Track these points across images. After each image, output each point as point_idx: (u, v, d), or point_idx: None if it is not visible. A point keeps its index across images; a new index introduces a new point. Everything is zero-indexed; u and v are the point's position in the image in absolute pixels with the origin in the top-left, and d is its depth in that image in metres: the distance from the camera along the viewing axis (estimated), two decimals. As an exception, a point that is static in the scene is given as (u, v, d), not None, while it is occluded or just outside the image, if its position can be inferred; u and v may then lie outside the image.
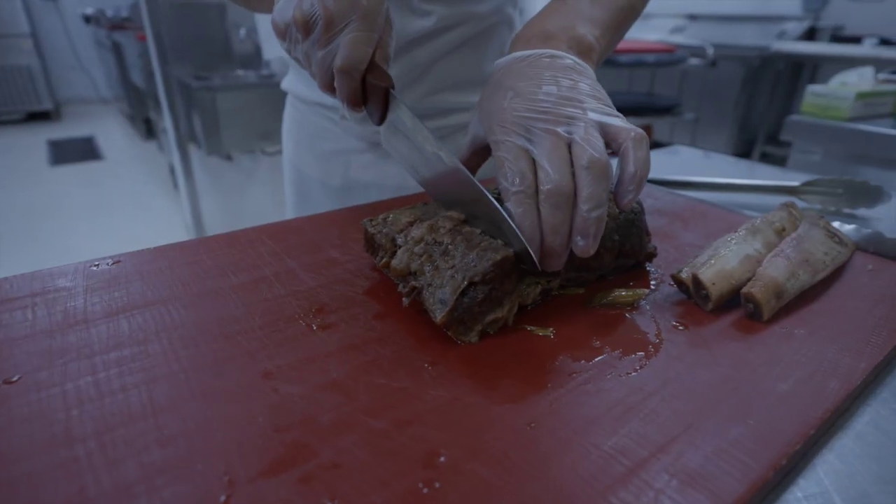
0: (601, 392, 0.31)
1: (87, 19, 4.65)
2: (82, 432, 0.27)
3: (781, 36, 3.09)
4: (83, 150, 3.92)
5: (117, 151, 3.92)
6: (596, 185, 0.32)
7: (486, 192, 0.35)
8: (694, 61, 2.79)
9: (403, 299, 0.36)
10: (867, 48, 2.69)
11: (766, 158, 3.03)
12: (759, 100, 3.08)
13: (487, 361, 0.33)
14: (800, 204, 0.65)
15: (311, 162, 0.74)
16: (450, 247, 0.35)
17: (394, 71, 0.63)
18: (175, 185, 2.52)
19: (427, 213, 0.42)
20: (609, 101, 0.36)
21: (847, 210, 0.64)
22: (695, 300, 0.40)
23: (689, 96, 3.12)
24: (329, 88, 0.41)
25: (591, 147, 0.33)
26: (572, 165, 0.33)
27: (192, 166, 2.08)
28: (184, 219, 2.28)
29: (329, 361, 0.33)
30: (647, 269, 0.45)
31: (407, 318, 0.37)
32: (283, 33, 0.40)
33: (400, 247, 0.38)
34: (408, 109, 0.39)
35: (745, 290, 0.38)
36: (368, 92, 0.40)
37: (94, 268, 0.43)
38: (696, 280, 0.39)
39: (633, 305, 0.39)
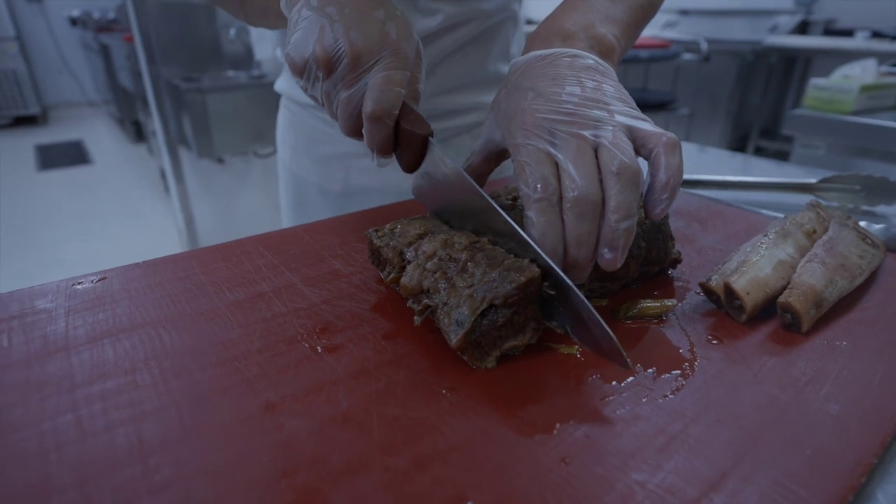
0: (638, 419, 0.28)
1: (74, 21, 4.57)
2: (61, 481, 0.24)
3: (774, 30, 3.08)
4: (71, 155, 3.86)
5: (106, 155, 3.85)
6: (626, 193, 0.30)
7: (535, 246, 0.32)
8: (688, 56, 2.77)
9: (415, 318, 0.34)
10: (860, 41, 2.69)
11: (760, 153, 3.03)
12: (752, 94, 3.07)
13: (510, 385, 0.30)
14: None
15: (308, 166, 0.71)
16: (469, 264, 0.32)
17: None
18: (166, 190, 2.47)
19: (437, 226, 0.39)
20: (634, 104, 0.34)
21: (865, 207, 0.61)
22: (726, 310, 0.37)
23: (683, 92, 3.11)
24: (355, 133, 0.38)
25: (620, 152, 0.31)
26: (599, 172, 0.31)
27: (182, 170, 2.04)
28: (176, 224, 2.23)
29: (338, 389, 0.30)
30: (670, 275, 0.43)
31: (418, 337, 0.34)
32: (300, 70, 0.37)
33: (409, 262, 0.36)
34: (445, 157, 0.36)
35: (781, 299, 0.35)
36: (401, 138, 0.38)
37: (78, 286, 0.40)
38: (729, 289, 0.36)
39: (661, 317, 0.37)
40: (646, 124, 0.33)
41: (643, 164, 0.34)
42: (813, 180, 0.63)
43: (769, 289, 0.36)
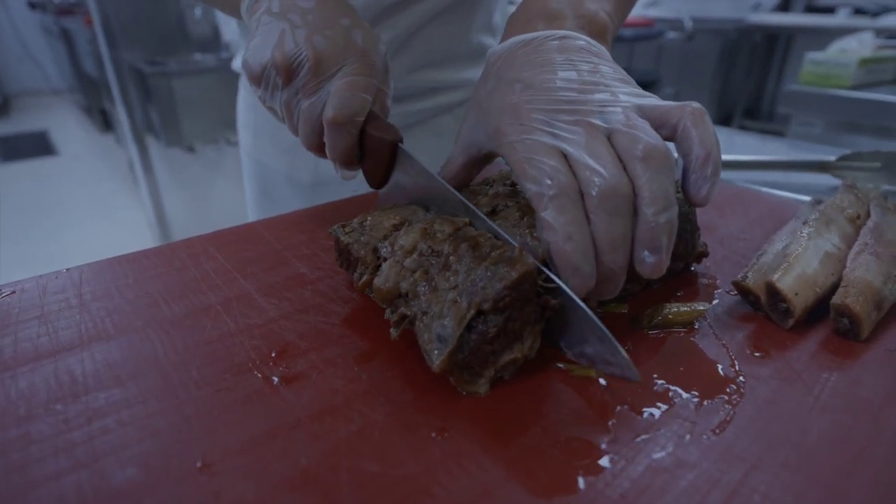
0: (684, 466, 0.22)
1: (32, 5, 4.33)
2: None
3: (756, 8, 3.04)
4: (36, 146, 3.68)
5: (73, 146, 3.68)
6: (659, 179, 0.26)
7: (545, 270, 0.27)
8: (672, 35, 2.72)
9: (391, 330, 0.27)
10: (842, 18, 2.66)
11: (743, 132, 3.00)
12: (736, 73, 3.04)
13: (514, 422, 0.24)
14: (833, 181, 0.57)
15: (273, 154, 0.65)
16: (451, 258, 0.27)
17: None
18: (136, 181, 2.36)
19: (416, 215, 0.33)
20: (636, 85, 0.31)
21: (886, 186, 0.56)
22: (765, 313, 0.31)
23: (667, 71, 3.06)
24: (317, 148, 0.37)
25: (642, 133, 0.27)
26: (620, 161, 0.27)
27: (151, 160, 1.93)
28: (146, 217, 2.13)
29: (296, 437, 0.23)
30: (694, 271, 0.37)
31: (399, 357, 0.28)
32: (257, 78, 0.36)
33: (385, 259, 0.30)
34: (421, 165, 0.34)
35: (836, 300, 0.29)
36: (368, 146, 0.36)
37: (-22, 303, 0.32)
38: (773, 289, 0.30)
39: (691, 324, 0.31)
40: (657, 100, 0.29)
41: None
42: (831, 157, 0.58)
43: (819, 287, 0.30)
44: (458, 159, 0.35)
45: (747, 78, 3.05)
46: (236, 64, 0.67)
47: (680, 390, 0.26)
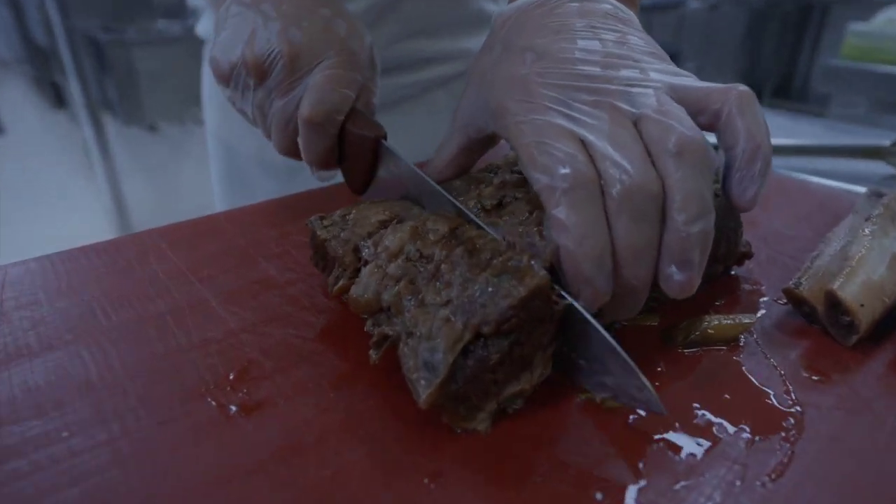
0: (736, 522, 0.19)
1: (-25, -35, 4.25)
2: None
3: (788, -26, 3.02)
4: (-20, 124, 3.62)
5: (22, 123, 3.62)
6: (695, 178, 0.24)
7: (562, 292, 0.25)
8: (694, 4, 2.69)
9: (371, 353, 0.25)
10: (884, -14, 2.64)
11: (774, 111, 2.99)
12: (765, 47, 3.02)
13: (523, 464, 0.22)
14: (888, 170, 0.55)
15: (243, 134, 0.62)
16: (443, 266, 0.25)
17: (351, 6, 0.52)
18: (91, 164, 2.32)
19: (409, 211, 0.31)
20: (670, 60, 0.29)
21: (947, 176, 0.54)
22: (823, 326, 0.29)
23: (689, 44, 3.03)
24: (291, 152, 0.37)
25: (676, 121, 0.25)
26: (649, 154, 0.25)
27: (108, 140, 1.90)
28: (103, 205, 2.09)
29: (257, 484, 0.21)
30: (734, 274, 0.35)
31: (383, 379, 0.26)
32: (226, 77, 0.36)
33: (367, 262, 0.28)
34: (405, 161, 0.33)
35: (910, 313, 0.27)
36: (348, 146, 0.35)
37: None
38: (833, 299, 0.28)
39: (735, 341, 0.29)
40: (694, 81, 0.28)
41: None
42: (886, 142, 0.56)
43: (887, 297, 0.28)
44: (455, 141, 0.34)
45: (777, 52, 3.03)
46: (201, 29, 0.64)
47: (726, 423, 0.24)
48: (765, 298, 0.32)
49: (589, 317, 0.24)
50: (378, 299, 0.26)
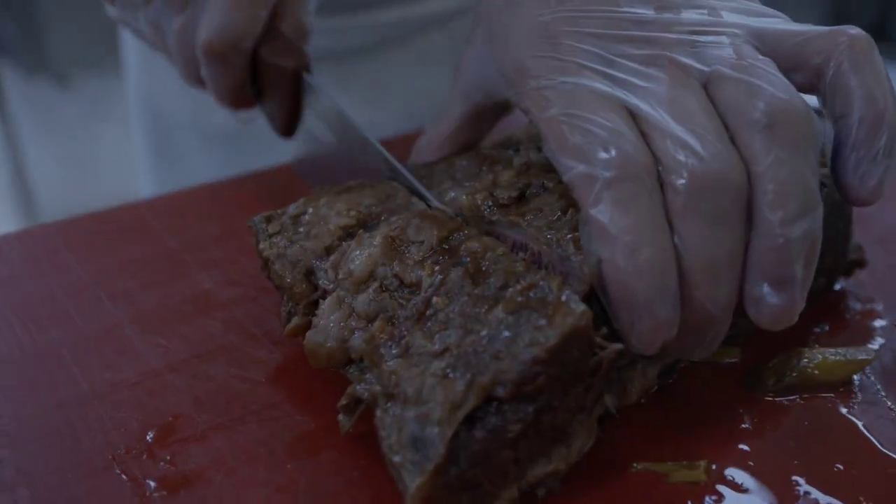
0: None
1: None
2: None
3: None
4: None
5: None
6: (793, 161, 0.23)
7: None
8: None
9: (340, 419, 0.25)
10: None
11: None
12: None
13: None
14: None
15: (174, 94, 0.62)
16: (435, 299, 0.24)
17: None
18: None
19: (391, 201, 0.30)
20: None
21: None
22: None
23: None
24: (195, 79, 0.38)
25: (763, 81, 0.24)
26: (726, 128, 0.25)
27: (4, 95, 1.90)
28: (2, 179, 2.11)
29: None
30: (840, 289, 0.34)
31: (360, 446, 0.25)
32: None
33: (327, 291, 0.27)
34: (338, 105, 0.35)
35: None
36: (264, 80, 0.37)
37: None
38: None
39: (847, 384, 0.28)
40: (785, 22, 0.28)
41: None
42: None
43: None
44: (457, 110, 0.34)
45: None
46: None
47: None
48: (882, 322, 0.32)
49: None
50: (344, 348, 0.25)
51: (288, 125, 0.38)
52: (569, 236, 0.25)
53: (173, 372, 0.28)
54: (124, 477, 0.23)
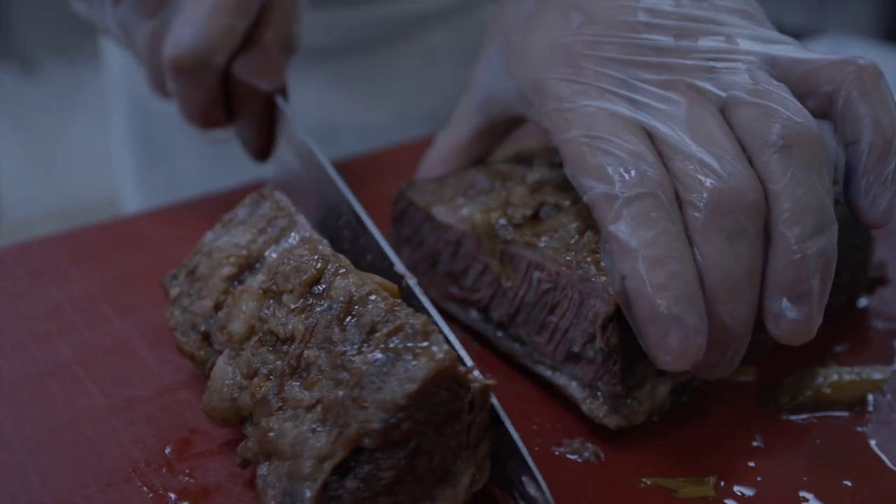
0: None
1: None
2: None
3: None
4: None
5: None
6: (808, 180, 0.26)
7: None
8: None
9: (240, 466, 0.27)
10: None
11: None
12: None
13: None
14: None
15: None
16: (307, 353, 0.26)
17: None
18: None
19: (266, 227, 0.32)
20: (764, 17, 0.32)
21: None
22: None
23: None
24: (163, 90, 0.39)
25: (779, 104, 0.27)
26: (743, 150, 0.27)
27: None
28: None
29: None
30: (862, 307, 0.37)
31: None
32: None
33: (218, 351, 0.29)
34: (307, 140, 0.35)
35: None
36: (237, 99, 0.37)
37: None
38: None
39: (860, 404, 0.31)
40: (798, 49, 0.30)
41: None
42: None
43: None
44: (469, 122, 0.36)
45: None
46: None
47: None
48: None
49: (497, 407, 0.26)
50: (234, 407, 0.27)
51: (261, 149, 0.39)
52: (589, 259, 0.28)
53: (186, 388, 0.31)
54: (145, 489, 0.26)
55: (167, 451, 0.28)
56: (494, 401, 0.25)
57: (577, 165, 0.27)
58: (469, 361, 0.26)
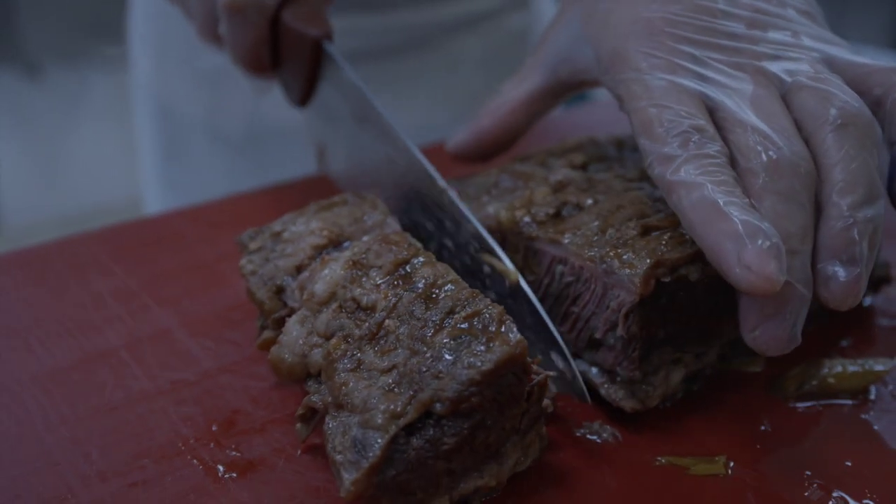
0: None
1: None
2: None
3: None
4: None
5: None
6: (861, 156, 0.28)
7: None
8: None
9: (298, 427, 0.29)
10: None
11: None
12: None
13: None
14: None
15: (186, 90, 0.67)
16: (387, 321, 0.28)
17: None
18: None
19: (360, 217, 0.35)
20: (824, 22, 0.34)
21: None
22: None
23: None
24: (213, 35, 0.39)
25: (839, 90, 0.29)
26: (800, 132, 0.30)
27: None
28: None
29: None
30: (867, 305, 0.39)
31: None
32: None
33: (293, 309, 0.32)
34: (356, 78, 0.37)
35: None
36: (284, 45, 0.38)
37: None
38: None
39: (864, 392, 0.33)
40: (851, 54, 0.33)
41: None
42: None
43: None
44: (536, 78, 0.38)
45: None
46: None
47: (847, 497, 0.27)
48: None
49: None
50: (304, 363, 0.29)
51: (305, 95, 0.40)
52: (611, 253, 0.30)
53: (227, 373, 0.33)
54: (195, 462, 0.29)
55: (213, 428, 0.30)
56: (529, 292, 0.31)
57: (644, 132, 0.30)
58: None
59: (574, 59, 0.36)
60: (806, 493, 0.28)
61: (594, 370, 0.32)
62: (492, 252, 0.33)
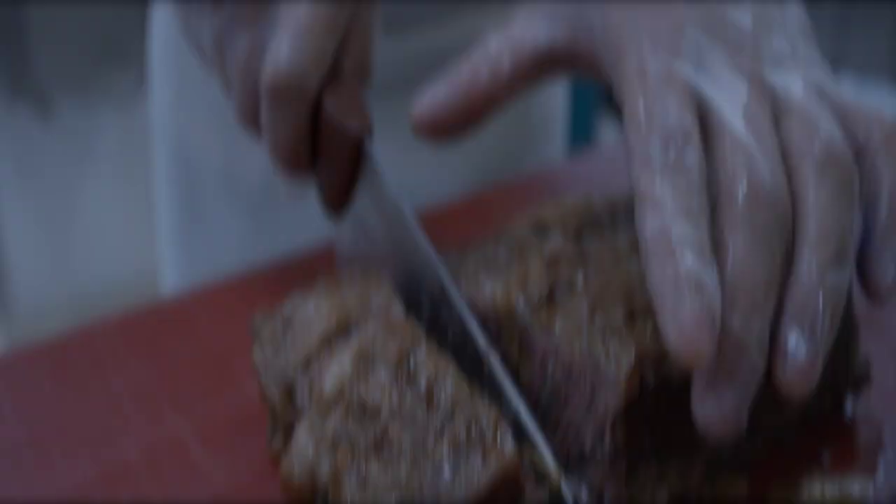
0: None
1: None
2: None
3: None
4: None
5: None
6: (838, 204, 0.27)
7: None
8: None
9: None
10: None
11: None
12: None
13: None
14: None
15: (206, 136, 0.66)
16: (391, 426, 0.28)
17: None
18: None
19: (366, 299, 0.34)
20: (817, 48, 0.33)
21: None
22: None
23: None
24: (252, 121, 0.37)
25: (827, 124, 0.28)
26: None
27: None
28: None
29: None
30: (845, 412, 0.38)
31: None
32: None
33: (301, 413, 0.31)
34: (391, 188, 0.35)
35: None
36: (321, 140, 0.36)
37: None
38: None
39: None
40: (836, 85, 0.32)
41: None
42: None
43: None
44: (518, 47, 0.34)
45: None
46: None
47: None
48: (889, 452, 0.35)
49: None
50: (312, 484, 0.28)
51: (340, 201, 0.37)
52: (599, 345, 0.29)
53: (240, 491, 0.33)
54: None
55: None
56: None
57: (631, 115, 0.28)
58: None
59: (572, 32, 0.34)
60: None
61: (584, 489, 0.32)
62: (532, 443, 0.30)
